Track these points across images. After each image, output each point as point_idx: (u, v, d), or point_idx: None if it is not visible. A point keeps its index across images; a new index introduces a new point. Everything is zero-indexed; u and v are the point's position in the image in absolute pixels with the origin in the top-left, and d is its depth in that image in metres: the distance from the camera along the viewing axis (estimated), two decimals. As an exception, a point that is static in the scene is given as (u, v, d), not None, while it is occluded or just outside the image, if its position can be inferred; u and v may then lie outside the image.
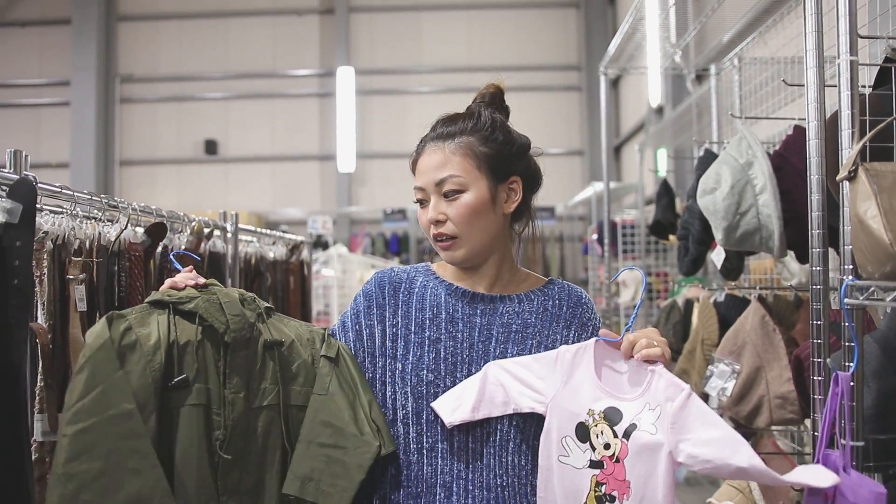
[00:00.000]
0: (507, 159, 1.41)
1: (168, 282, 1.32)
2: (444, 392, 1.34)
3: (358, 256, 6.20)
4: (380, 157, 11.10)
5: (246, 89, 11.14)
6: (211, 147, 11.08)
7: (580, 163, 10.88)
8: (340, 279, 5.56)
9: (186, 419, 1.22)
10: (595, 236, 5.98)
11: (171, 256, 1.44)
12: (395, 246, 10.69)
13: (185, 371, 1.23)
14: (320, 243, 9.09)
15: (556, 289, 1.47)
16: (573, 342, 1.38)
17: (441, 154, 1.39)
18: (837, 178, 1.30)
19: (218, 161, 11.15)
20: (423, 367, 1.35)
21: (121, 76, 11.09)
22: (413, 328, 1.39)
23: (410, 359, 1.37)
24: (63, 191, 1.54)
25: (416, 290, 1.44)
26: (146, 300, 1.27)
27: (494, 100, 1.48)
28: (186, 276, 1.34)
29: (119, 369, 1.16)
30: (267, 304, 1.38)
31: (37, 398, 1.42)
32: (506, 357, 1.36)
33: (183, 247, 1.99)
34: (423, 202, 1.41)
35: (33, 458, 1.41)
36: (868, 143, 1.30)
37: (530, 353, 1.36)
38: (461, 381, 1.35)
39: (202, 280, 1.34)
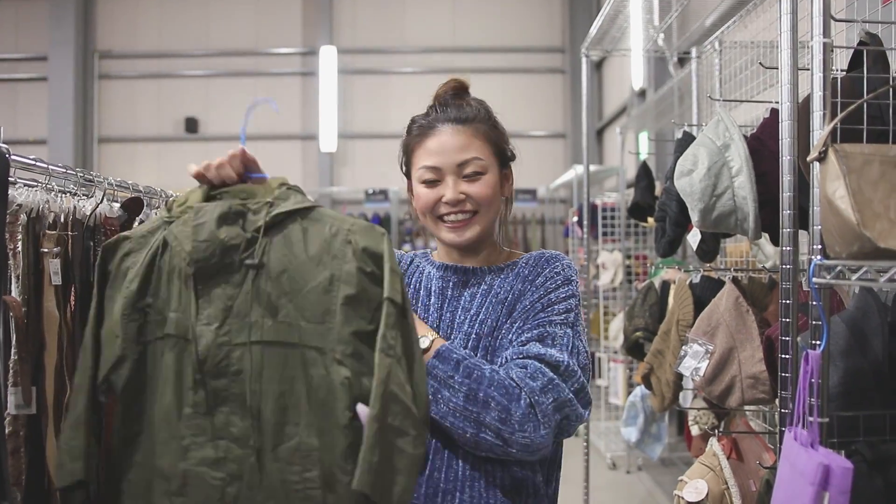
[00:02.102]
0: (505, 147, 1.50)
1: (198, 166, 1.19)
2: None
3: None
4: (362, 137, 11.05)
5: (227, 67, 11.02)
6: (191, 125, 10.98)
7: (563, 146, 10.89)
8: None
9: (165, 354, 1.12)
10: (576, 219, 6.01)
11: (241, 129, 1.29)
12: (377, 227, 10.67)
13: (160, 298, 1.12)
14: (301, 223, 9.06)
15: (530, 256, 1.48)
16: (523, 290, 1.40)
17: (463, 136, 1.42)
18: (808, 159, 1.32)
19: (199, 139, 11.05)
20: None
21: (99, 52, 10.93)
22: None
23: None
24: (37, 163, 1.53)
25: (411, 271, 1.55)
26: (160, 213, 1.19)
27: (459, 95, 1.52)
28: (234, 164, 1.20)
29: (96, 297, 1.17)
30: (293, 207, 1.14)
31: (10, 371, 1.41)
32: (468, 321, 1.41)
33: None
34: (432, 182, 1.43)
35: (7, 431, 1.41)
36: (839, 125, 1.32)
37: (487, 311, 1.41)
38: None
39: (243, 165, 1.19)
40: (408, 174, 1.52)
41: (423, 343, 1.31)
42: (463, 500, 1.31)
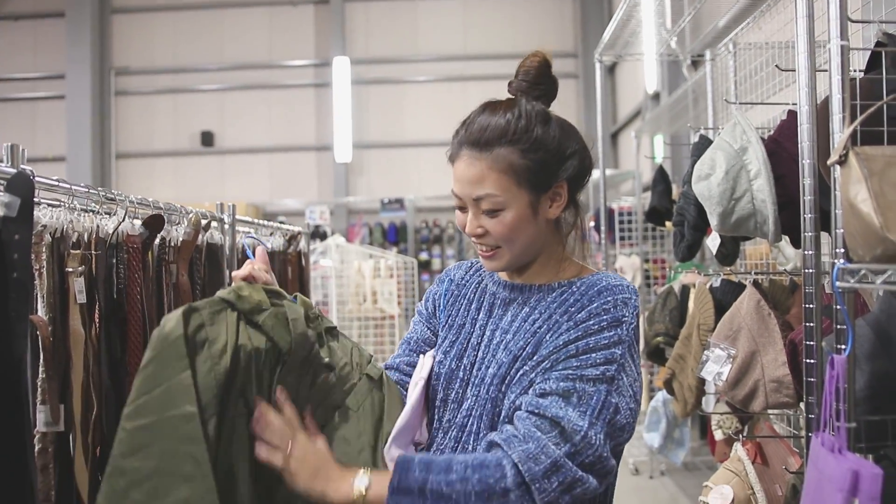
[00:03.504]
0: (549, 169, 1.28)
1: (245, 269, 1.25)
2: (451, 374, 1.35)
3: (356, 246, 6.20)
4: (377, 146, 11.10)
5: (242, 80, 11.13)
6: (207, 139, 11.08)
7: (577, 150, 10.86)
8: (339, 269, 5.57)
9: (238, 425, 1.18)
10: (592, 224, 5.99)
11: (244, 243, 1.47)
12: (393, 236, 10.71)
13: (243, 382, 1.18)
14: (318, 234, 9.11)
15: (588, 279, 1.31)
16: (560, 323, 1.25)
17: (477, 168, 1.26)
18: (828, 163, 1.31)
19: (215, 153, 11.15)
20: (441, 350, 1.39)
21: (116, 69, 11.07)
22: (454, 312, 1.43)
23: (440, 342, 1.42)
24: (60, 184, 1.55)
25: (472, 280, 1.47)
26: (217, 294, 1.19)
27: (539, 77, 1.34)
28: (262, 269, 1.27)
29: (186, 369, 1.10)
30: (329, 324, 1.33)
31: (38, 390, 1.43)
32: (503, 346, 1.30)
33: (181, 238, 2.00)
34: (461, 208, 1.33)
35: (36, 448, 1.43)
36: (859, 127, 1.31)
37: (519, 339, 1.28)
38: (465, 367, 1.34)
39: (271, 277, 1.29)
40: None
41: (360, 485, 1.15)
42: None
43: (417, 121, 10.94)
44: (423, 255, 10.58)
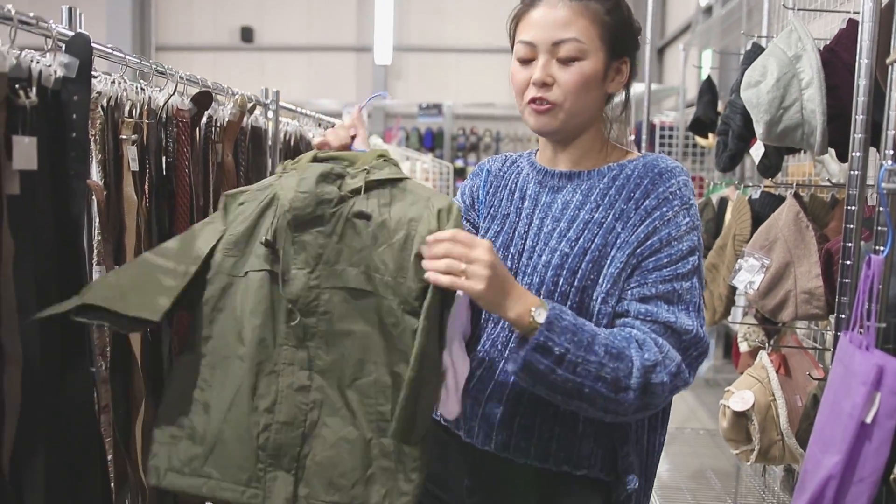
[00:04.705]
0: (625, 36, 1.29)
1: (322, 137, 1.36)
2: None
3: (392, 147, 6.20)
4: (417, 50, 10.91)
5: (283, -25, 10.92)
6: (247, 34, 10.97)
7: (622, 63, 10.59)
8: (375, 170, 5.59)
9: (261, 287, 1.24)
10: (633, 137, 5.91)
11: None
12: (430, 141, 10.65)
13: (256, 240, 1.25)
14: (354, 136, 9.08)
15: (639, 161, 1.29)
16: (630, 215, 1.23)
17: (567, 11, 1.23)
18: (887, 61, 1.29)
19: (254, 49, 11.05)
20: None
21: (156, -41, 10.91)
22: (496, 204, 1.41)
23: (482, 233, 1.39)
24: (114, 52, 1.58)
25: (511, 171, 1.43)
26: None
27: None
28: (340, 131, 1.35)
29: (210, 223, 1.27)
30: (386, 176, 1.25)
31: (94, 251, 1.50)
32: (557, 234, 1.27)
33: (227, 119, 2.02)
34: (526, 61, 1.26)
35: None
36: (922, 26, 1.28)
37: (580, 228, 1.25)
38: (513, 256, 1.31)
39: (356, 135, 1.36)
40: (512, 48, 1.33)
41: (539, 317, 1.11)
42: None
43: (459, 26, 10.71)
44: (459, 163, 10.54)
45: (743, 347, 3.00)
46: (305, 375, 1.23)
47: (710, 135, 3.97)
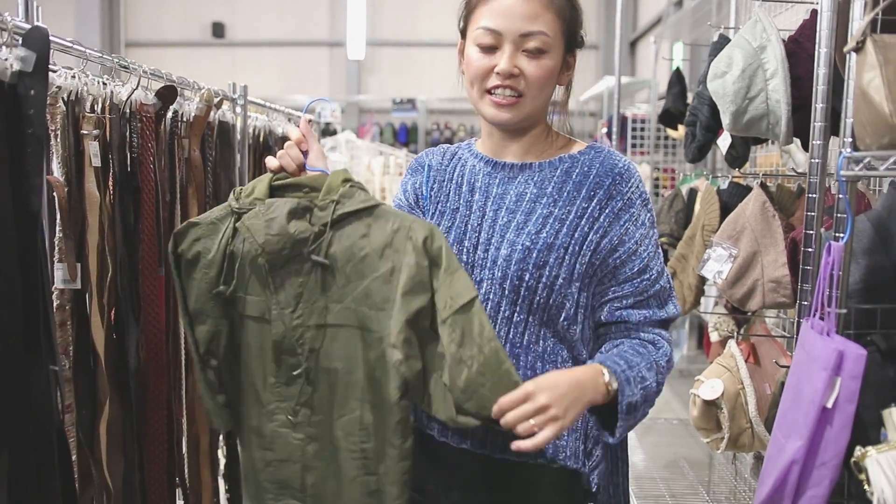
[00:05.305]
0: (577, 30, 1.31)
1: (275, 158, 1.30)
2: None
3: (366, 143, 6.19)
4: (391, 45, 10.88)
5: (254, -31, 10.82)
6: (218, 30, 10.86)
7: (595, 57, 10.64)
8: (348, 165, 5.57)
9: (249, 330, 1.27)
10: (605, 130, 5.94)
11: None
12: (404, 136, 10.63)
13: (236, 282, 1.25)
14: (329, 132, 9.04)
15: (591, 154, 1.31)
16: (596, 216, 1.26)
17: (536, 4, 1.22)
18: (845, 49, 1.30)
19: (225, 45, 10.95)
20: None
21: (125, -48, 10.75)
22: (442, 199, 1.38)
23: None
24: (74, 46, 1.55)
25: (453, 164, 1.41)
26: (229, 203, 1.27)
27: None
28: (292, 151, 1.30)
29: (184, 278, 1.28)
30: (358, 206, 1.21)
31: (56, 248, 1.48)
32: (515, 227, 1.26)
33: (193, 114, 2.00)
34: (489, 48, 1.24)
35: (55, 304, 1.48)
36: (879, 15, 1.30)
37: (539, 223, 1.26)
38: (468, 249, 1.29)
39: (308, 150, 1.32)
40: (463, 33, 1.32)
41: (612, 383, 1.18)
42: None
43: (432, 21, 10.68)
44: (434, 157, 10.51)
45: (714, 337, 3.03)
46: (297, 412, 1.26)
47: (681, 126, 4.00)
